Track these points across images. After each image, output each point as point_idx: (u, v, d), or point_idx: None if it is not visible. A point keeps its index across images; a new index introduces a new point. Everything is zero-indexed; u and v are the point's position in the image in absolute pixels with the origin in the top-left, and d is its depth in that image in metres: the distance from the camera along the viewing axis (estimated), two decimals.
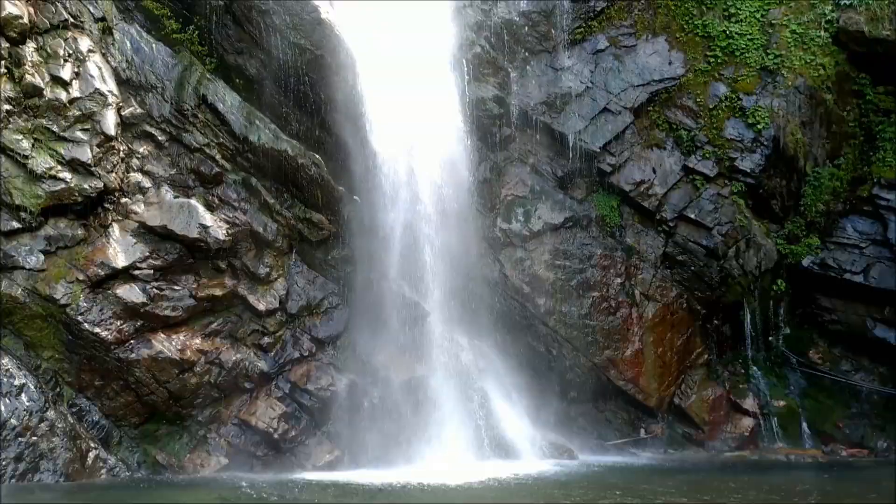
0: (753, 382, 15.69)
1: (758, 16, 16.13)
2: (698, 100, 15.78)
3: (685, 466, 13.63)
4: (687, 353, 15.55)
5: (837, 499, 10.12)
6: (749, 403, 15.39)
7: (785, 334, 16.14)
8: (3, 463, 10.57)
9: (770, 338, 16.08)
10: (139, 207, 12.24)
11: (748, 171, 15.54)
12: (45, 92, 11.54)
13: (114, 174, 12.02)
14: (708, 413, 15.33)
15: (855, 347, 15.74)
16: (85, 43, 11.99)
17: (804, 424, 15.40)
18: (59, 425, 11.19)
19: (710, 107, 15.73)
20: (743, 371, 15.86)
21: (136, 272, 11.94)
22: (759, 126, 15.51)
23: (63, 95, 11.66)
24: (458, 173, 14.30)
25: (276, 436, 12.41)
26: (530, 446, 13.64)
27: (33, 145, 11.49)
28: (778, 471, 13.20)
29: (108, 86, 12.09)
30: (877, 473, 12.85)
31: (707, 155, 15.59)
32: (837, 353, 15.89)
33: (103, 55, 12.22)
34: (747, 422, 15.26)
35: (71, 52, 11.81)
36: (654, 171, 15.63)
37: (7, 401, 10.86)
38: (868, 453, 14.71)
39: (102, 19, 12.26)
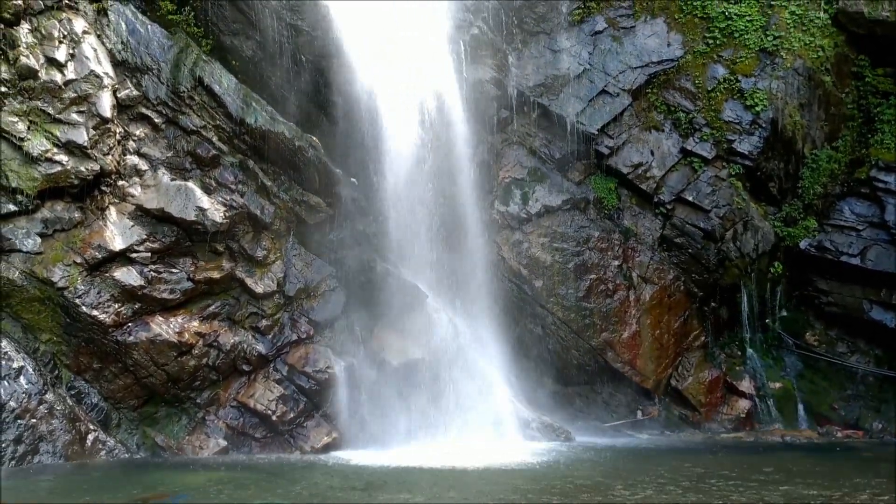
0: (750, 364, 15.77)
1: None
2: (696, 82, 15.73)
3: (682, 448, 13.70)
4: (684, 336, 15.60)
5: (832, 479, 10.20)
6: (745, 385, 15.48)
7: (781, 317, 16.21)
8: (3, 445, 10.61)
9: (767, 320, 16.15)
10: (136, 190, 12.21)
11: (746, 153, 15.52)
12: (40, 74, 11.48)
13: (110, 157, 11.97)
14: (704, 395, 15.40)
15: (851, 329, 15.81)
16: (80, 24, 11.91)
17: (800, 406, 15.50)
18: (58, 407, 11.23)
19: (709, 89, 15.69)
20: (739, 353, 15.93)
21: (134, 255, 11.93)
22: (757, 108, 15.47)
23: (58, 77, 11.60)
24: (455, 155, 14.25)
25: (274, 418, 12.45)
26: (527, 428, 13.69)
27: (29, 128, 11.44)
28: (774, 452, 13.28)
29: (104, 67, 12.02)
30: (872, 453, 12.94)
31: (705, 137, 15.56)
32: (833, 336, 15.96)
33: (98, 37, 12.14)
34: (744, 403, 15.35)
35: (66, 33, 11.74)
36: (652, 154, 15.61)
37: (6, 384, 10.89)
38: (862, 434, 14.81)
39: (97, 0, 12.16)
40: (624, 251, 15.47)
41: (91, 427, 11.55)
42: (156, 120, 12.54)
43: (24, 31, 11.44)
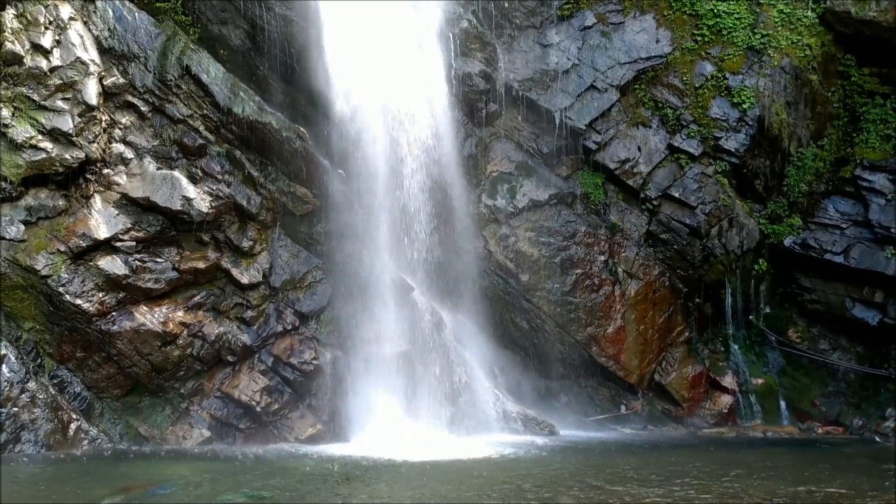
0: (733, 360, 15.88)
1: None
2: (684, 78, 15.78)
3: (664, 442, 13.80)
4: (668, 331, 15.70)
5: (814, 474, 10.30)
6: (728, 381, 15.58)
7: (765, 313, 16.32)
8: None
9: (750, 317, 16.25)
10: (121, 179, 12.14)
11: (732, 150, 15.60)
12: (25, 60, 11.38)
13: (95, 144, 11.89)
14: (687, 390, 15.51)
15: (833, 327, 15.95)
16: (66, 10, 11.81)
17: (782, 402, 15.62)
18: (41, 396, 11.16)
19: (696, 86, 15.75)
20: (723, 349, 16.04)
21: (118, 244, 11.86)
22: (744, 105, 15.55)
23: (44, 64, 11.50)
24: (443, 148, 14.25)
25: (258, 409, 12.43)
26: (512, 421, 13.74)
27: (13, 114, 11.34)
28: (755, 447, 13.39)
29: (90, 54, 11.93)
30: (851, 450, 13.08)
31: (692, 134, 15.63)
32: (816, 333, 16.09)
33: (85, 23, 12.04)
34: (726, 399, 15.46)
35: (52, 19, 11.63)
36: (640, 150, 15.66)
37: None
38: (843, 431, 14.96)
39: None
40: (610, 246, 15.53)
41: (74, 416, 11.49)
42: (142, 108, 12.46)
43: (9, 17, 11.33)
